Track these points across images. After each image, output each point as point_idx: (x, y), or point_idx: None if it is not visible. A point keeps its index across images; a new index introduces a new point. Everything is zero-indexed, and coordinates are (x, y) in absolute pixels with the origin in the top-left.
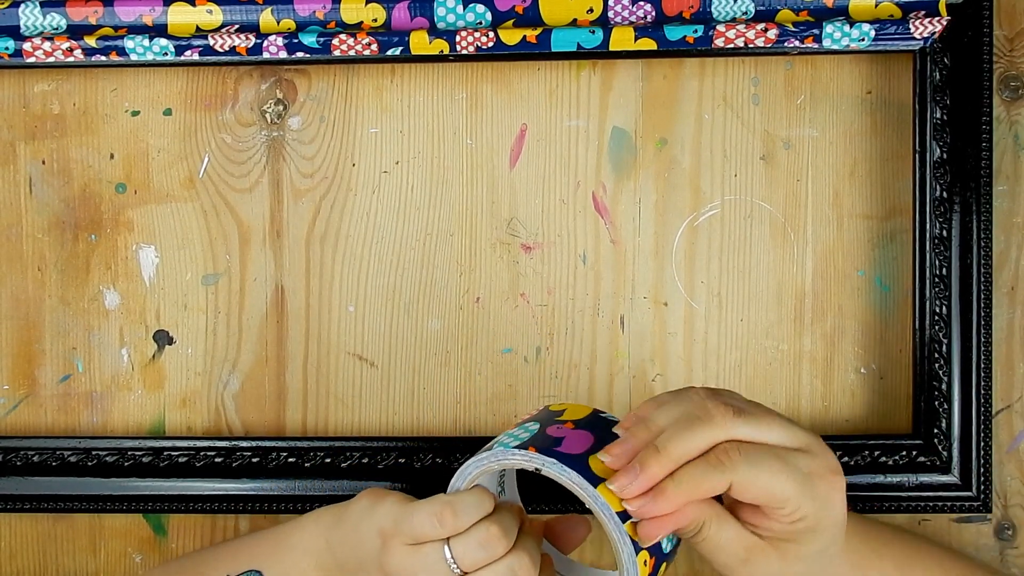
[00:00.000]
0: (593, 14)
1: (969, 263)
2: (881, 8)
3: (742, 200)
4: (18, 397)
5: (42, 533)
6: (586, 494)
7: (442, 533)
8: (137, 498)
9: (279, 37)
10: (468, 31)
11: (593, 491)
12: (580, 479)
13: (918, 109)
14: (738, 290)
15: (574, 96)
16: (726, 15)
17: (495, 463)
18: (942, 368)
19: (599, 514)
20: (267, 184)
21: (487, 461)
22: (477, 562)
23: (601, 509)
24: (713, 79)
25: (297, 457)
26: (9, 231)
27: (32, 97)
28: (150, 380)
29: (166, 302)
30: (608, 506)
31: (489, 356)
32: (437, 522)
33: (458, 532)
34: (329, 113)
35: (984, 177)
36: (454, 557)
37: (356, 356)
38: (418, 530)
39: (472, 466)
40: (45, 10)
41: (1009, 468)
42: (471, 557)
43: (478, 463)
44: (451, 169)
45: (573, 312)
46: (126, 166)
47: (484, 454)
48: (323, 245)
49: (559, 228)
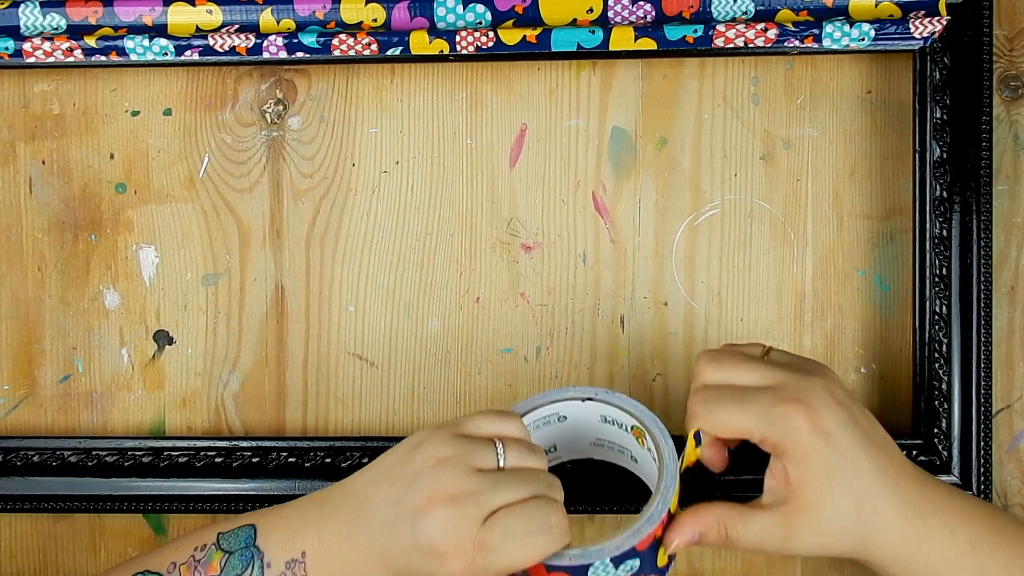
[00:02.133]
0: (593, 14)
1: (969, 263)
2: (881, 8)
3: (742, 200)
4: (18, 397)
5: (42, 533)
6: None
7: (497, 428)
8: (137, 498)
9: (279, 37)
10: (468, 31)
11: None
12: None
13: (918, 109)
14: (738, 290)
15: (574, 96)
16: (726, 15)
17: (548, 402)
18: (942, 368)
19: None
20: (267, 184)
21: (539, 400)
22: (520, 463)
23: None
24: (713, 79)
25: (297, 457)
26: (9, 231)
27: (32, 97)
28: (150, 380)
29: (166, 302)
30: None
31: (489, 356)
32: (495, 417)
33: (508, 434)
34: (329, 113)
35: (984, 177)
36: (504, 451)
37: (356, 356)
38: (475, 423)
39: (522, 404)
40: (45, 10)
41: (1009, 468)
42: (515, 456)
43: (528, 403)
44: (451, 169)
45: (573, 312)
46: (126, 166)
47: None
48: (323, 245)
49: (559, 228)
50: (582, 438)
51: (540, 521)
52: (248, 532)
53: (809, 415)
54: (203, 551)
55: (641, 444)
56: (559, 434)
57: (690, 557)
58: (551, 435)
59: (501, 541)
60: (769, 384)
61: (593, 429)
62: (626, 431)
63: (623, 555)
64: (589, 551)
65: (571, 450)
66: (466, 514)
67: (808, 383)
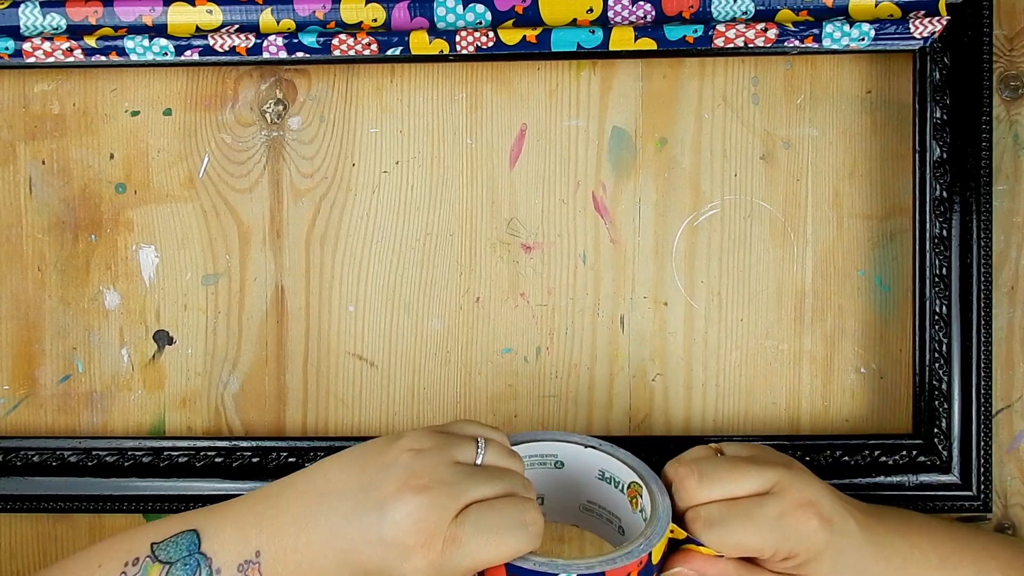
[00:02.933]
0: (593, 14)
1: (969, 263)
2: (881, 8)
3: (742, 200)
4: (18, 397)
5: (42, 533)
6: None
7: (479, 432)
8: (137, 498)
9: (279, 37)
10: (468, 31)
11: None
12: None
13: (918, 109)
14: (738, 290)
15: (574, 96)
16: (726, 15)
17: (548, 439)
18: (942, 368)
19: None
20: (267, 184)
21: (540, 435)
22: (499, 462)
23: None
24: (713, 79)
25: (297, 457)
26: (9, 231)
27: (32, 97)
28: (150, 380)
29: (166, 302)
30: None
31: (489, 356)
32: (478, 425)
33: (490, 437)
34: (329, 113)
35: (984, 177)
36: (484, 448)
37: (356, 356)
38: (459, 425)
39: (519, 435)
40: (45, 10)
41: (1009, 468)
42: (495, 456)
43: (528, 434)
44: (451, 169)
45: (573, 312)
46: (126, 166)
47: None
48: (323, 245)
49: (559, 228)
50: (574, 497)
51: (515, 518)
52: (190, 538)
53: (817, 513)
54: (136, 566)
55: (634, 507)
56: (552, 483)
57: None
58: (543, 482)
59: (472, 535)
60: (765, 489)
61: (587, 487)
62: (622, 491)
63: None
64: (556, 563)
65: (559, 510)
66: (439, 504)
67: (793, 476)
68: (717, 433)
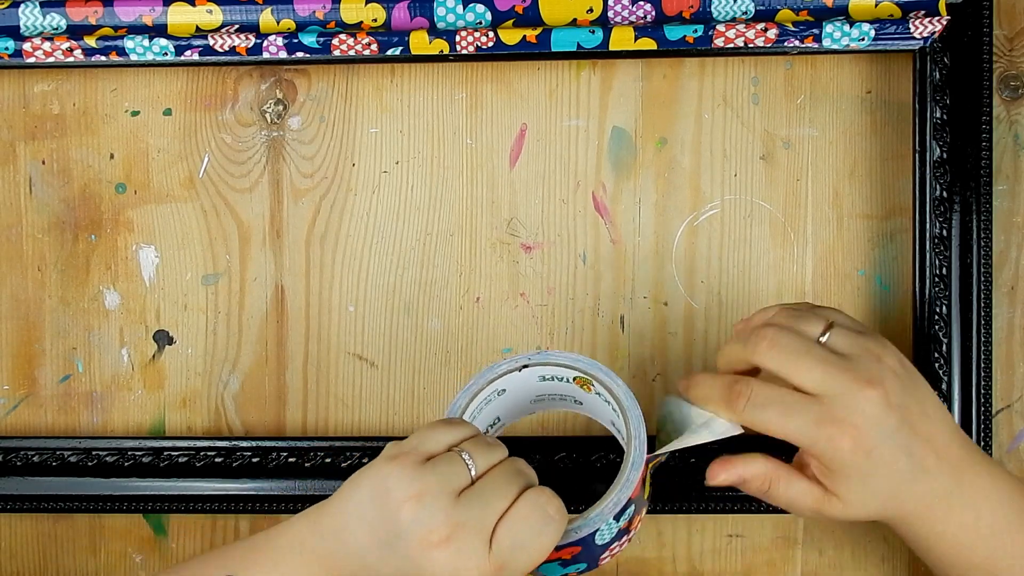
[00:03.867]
0: (593, 14)
1: (969, 263)
2: (881, 8)
3: (742, 200)
4: (18, 397)
5: (42, 533)
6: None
7: (453, 436)
8: (137, 498)
9: (279, 37)
10: (468, 31)
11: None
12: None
13: (918, 109)
14: (738, 290)
15: (574, 96)
16: (726, 15)
17: (485, 383)
18: (942, 368)
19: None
20: (267, 184)
21: (476, 384)
22: (489, 461)
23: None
24: (713, 79)
25: (297, 457)
26: (9, 231)
27: (32, 97)
28: (150, 380)
29: (166, 302)
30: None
31: (489, 356)
32: (447, 427)
33: (464, 437)
34: (329, 113)
35: (984, 177)
36: (471, 457)
37: (356, 356)
38: (431, 438)
39: (461, 397)
40: (45, 10)
41: (1009, 468)
42: (483, 457)
43: (466, 392)
44: (451, 169)
45: (573, 312)
46: (126, 166)
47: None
48: (323, 245)
49: (559, 228)
50: (522, 401)
51: (540, 516)
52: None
53: (853, 436)
54: None
55: (588, 391)
56: (500, 406)
57: (690, 557)
58: (493, 410)
59: (513, 554)
60: (819, 393)
61: (532, 389)
62: (568, 382)
63: (622, 508)
64: (590, 519)
65: (514, 414)
66: (470, 549)
67: (859, 396)
68: None
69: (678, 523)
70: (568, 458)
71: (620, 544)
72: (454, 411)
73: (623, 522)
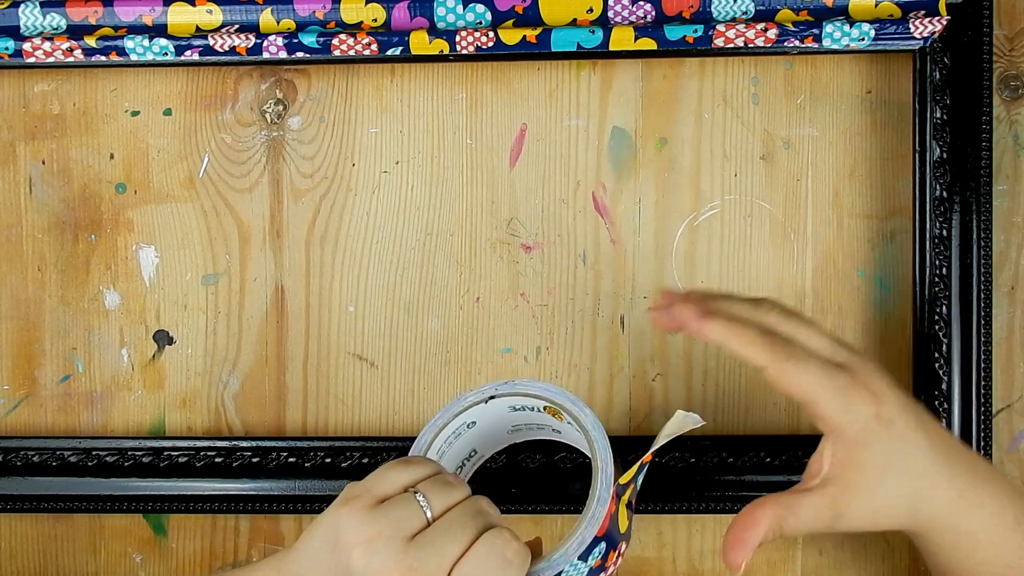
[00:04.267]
0: (593, 14)
1: (969, 263)
2: (881, 8)
3: (742, 200)
4: (18, 397)
5: (42, 533)
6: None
7: (409, 476)
8: (137, 498)
9: (279, 37)
10: (468, 31)
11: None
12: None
13: (918, 109)
14: (738, 290)
15: (574, 96)
16: (726, 15)
17: (452, 416)
18: (942, 368)
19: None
20: (267, 184)
21: (442, 418)
22: (447, 502)
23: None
24: (713, 79)
25: (297, 457)
26: (9, 231)
27: (32, 97)
28: (150, 380)
29: (166, 302)
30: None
31: (489, 356)
32: (403, 466)
33: (422, 477)
34: (329, 113)
35: (984, 177)
36: (426, 499)
37: (356, 356)
38: (386, 480)
39: (426, 432)
40: (45, 10)
41: (1009, 468)
42: (440, 498)
43: (432, 426)
44: (451, 169)
45: (573, 312)
46: (126, 166)
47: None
48: (323, 245)
49: (559, 228)
50: (497, 432)
51: (497, 560)
52: None
53: (876, 404)
54: None
55: (560, 420)
56: (474, 439)
57: (690, 557)
58: (465, 443)
59: None
60: (840, 362)
61: (506, 420)
62: (540, 411)
63: (588, 547)
64: (553, 560)
65: (491, 445)
66: None
67: (870, 368)
68: (717, 433)
69: (678, 523)
70: (568, 458)
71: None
72: (418, 448)
73: (593, 560)
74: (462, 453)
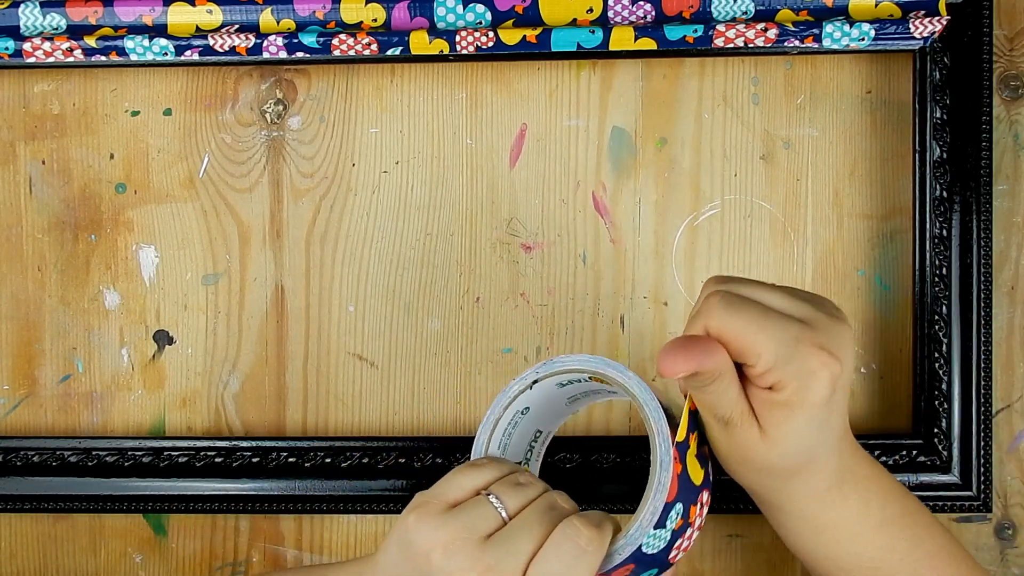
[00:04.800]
0: (593, 14)
1: (969, 263)
2: (881, 8)
3: (742, 200)
4: (18, 397)
5: (42, 533)
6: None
7: (479, 479)
8: (137, 498)
9: (279, 37)
10: (468, 31)
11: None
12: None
13: (918, 109)
14: None
15: (574, 96)
16: (726, 15)
17: (501, 411)
18: (942, 368)
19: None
20: (267, 184)
21: (493, 414)
22: (521, 501)
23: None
24: (713, 79)
25: (297, 457)
26: (9, 231)
27: (32, 97)
28: (150, 380)
29: (166, 302)
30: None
31: (489, 356)
32: (471, 470)
33: (492, 479)
34: (329, 113)
35: (984, 177)
36: (500, 500)
37: (356, 356)
38: (455, 484)
39: (481, 432)
40: (45, 10)
41: (1009, 468)
42: (513, 497)
43: (486, 425)
44: (451, 169)
45: (573, 312)
46: (126, 166)
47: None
48: (323, 245)
49: (559, 228)
50: (555, 408)
51: (573, 549)
52: None
53: (831, 370)
54: None
55: (607, 384)
56: (533, 421)
57: (690, 556)
58: (527, 428)
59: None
60: (797, 316)
61: (559, 395)
62: (587, 381)
63: (661, 515)
64: (630, 535)
65: (552, 421)
66: None
67: (836, 327)
68: None
69: None
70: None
71: (687, 538)
72: (477, 449)
73: (672, 524)
74: (526, 438)
